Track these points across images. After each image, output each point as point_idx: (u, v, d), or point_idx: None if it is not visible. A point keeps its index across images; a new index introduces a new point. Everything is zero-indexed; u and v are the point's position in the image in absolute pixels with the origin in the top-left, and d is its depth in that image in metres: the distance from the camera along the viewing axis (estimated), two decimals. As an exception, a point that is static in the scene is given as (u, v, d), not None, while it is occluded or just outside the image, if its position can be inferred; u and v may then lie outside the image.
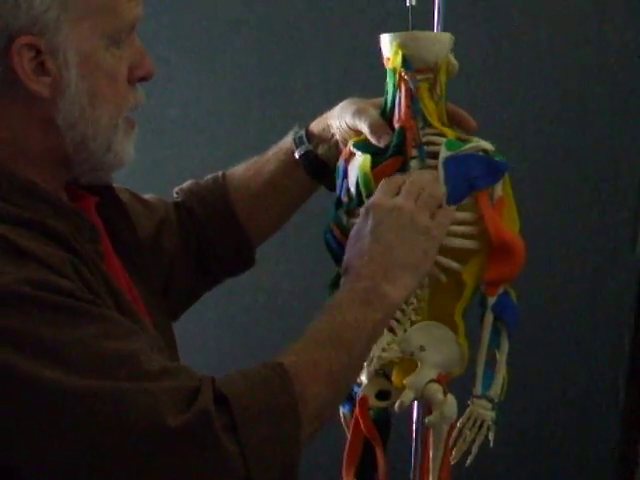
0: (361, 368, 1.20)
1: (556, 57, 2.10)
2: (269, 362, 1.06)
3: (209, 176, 1.44)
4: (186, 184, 1.43)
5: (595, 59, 2.09)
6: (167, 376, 0.99)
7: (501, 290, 1.25)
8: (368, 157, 1.24)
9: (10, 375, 0.95)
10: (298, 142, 1.37)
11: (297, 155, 1.37)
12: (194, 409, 0.97)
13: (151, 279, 1.27)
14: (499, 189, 1.24)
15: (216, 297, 1.50)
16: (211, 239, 1.39)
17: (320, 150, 1.37)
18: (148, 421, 0.96)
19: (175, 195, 1.42)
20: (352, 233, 1.20)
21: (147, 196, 1.40)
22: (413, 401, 1.26)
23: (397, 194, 1.20)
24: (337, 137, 1.35)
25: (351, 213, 1.27)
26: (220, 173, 1.43)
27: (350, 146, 1.29)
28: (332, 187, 1.36)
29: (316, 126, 1.37)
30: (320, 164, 1.37)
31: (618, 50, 2.08)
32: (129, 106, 1.12)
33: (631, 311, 2.14)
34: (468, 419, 1.24)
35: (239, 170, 1.42)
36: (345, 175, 1.29)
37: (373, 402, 1.26)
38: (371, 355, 1.22)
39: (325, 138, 1.36)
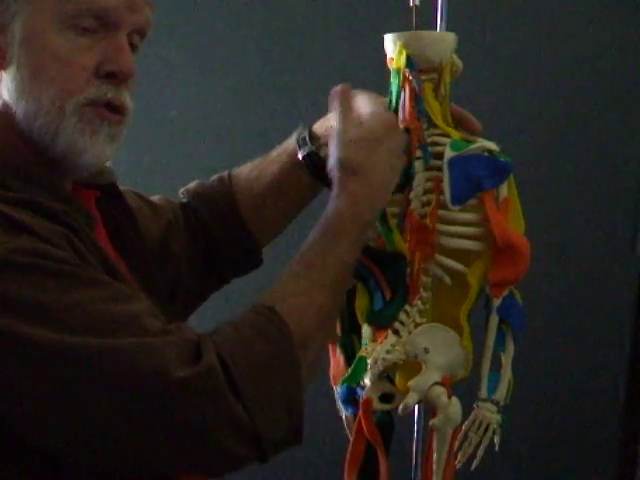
0: (350, 282, 1.20)
1: (558, 57, 2.10)
2: (260, 307, 1.07)
3: (214, 177, 1.43)
4: (192, 185, 1.43)
5: (596, 59, 2.09)
6: (168, 333, 1.01)
7: (506, 292, 1.25)
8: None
9: (10, 340, 0.96)
10: (301, 143, 1.37)
11: (300, 156, 1.36)
12: (202, 364, 0.98)
13: (157, 284, 1.27)
14: (504, 190, 1.24)
15: (215, 297, 1.50)
16: (218, 240, 1.39)
17: (323, 151, 1.35)
18: (153, 373, 0.97)
19: (181, 196, 1.42)
20: (329, 164, 1.22)
21: (154, 198, 1.40)
22: (417, 404, 1.25)
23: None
24: None
25: None
26: (226, 174, 1.43)
27: None
28: None
29: (319, 127, 1.37)
30: (323, 165, 1.36)
31: (618, 50, 2.08)
32: (86, 96, 1.09)
33: (631, 311, 2.14)
34: (473, 422, 1.24)
35: (244, 171, 1.42)
36: None
37: (377, 405, 1.25)
38: (375, 357, 1.22)
39: (328, 139, 1.35)
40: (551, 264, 2.15)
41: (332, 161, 1.20)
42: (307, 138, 1.36)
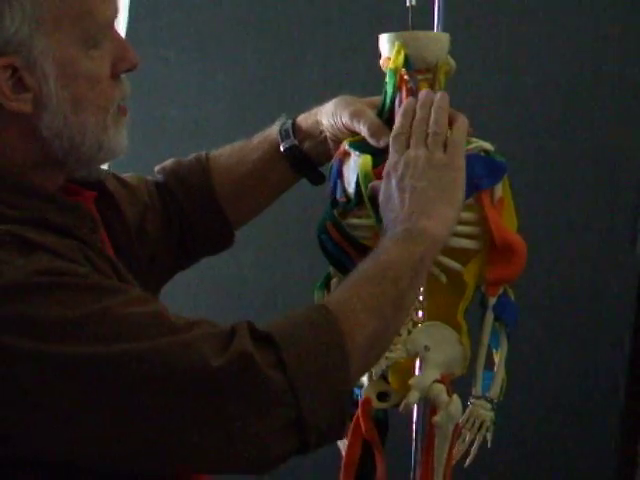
0: (412, 303, 1.18)
1: (555, 56, 2.10)
2: (313, 305, 1.08)
3: (192, 156, 1.44)
4: (168, 163, 1.43)
5: (595, 59, 2.09)
6: (195, 326, 1.01)
7: (501, 290, 1.25)
8: (369, 157, 1.24)
9: (47, 362, 0.95)
10: (284, 135, 1.37)
11: (282, 148, 1.37)
12: (231, 350, 0.98)
13: (142, 270, 1.27)
14: (499, 189, 1.25)
15: (215, 297, 1.50)
16: (191, 222, 1.39)
17: (306, 145, 1.37)
18: (193, 367, 0.97)
19: (157, 174, 1.42)
20: (381, 199, 1.20)
21: (128, 176, 1.39)
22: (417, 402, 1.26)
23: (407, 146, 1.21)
24: (327, 134, 1.34)
25: (348, 213, 1.27)
26: (203, 154, 1.43)
27: (345, 146, 1.28)
28: (314, 181, 1.39)
29: (304, 121, 1.37)
30: (304, 159, 1.37)
31: (618, 49, 2.08)
32: (116, 102, 1.11)
33: (631, 311, 2.14)
34: (468, 420, 1.24)
35: (223, 154, 1.42)
36: (339, 175, 1.28)
37: (375, 404, 1.26)
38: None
39: (313, 134, 1.36)
40: (551, 264, 2.14)
41: (400, 214, 1.17)
42: (290, 131, 1.37)
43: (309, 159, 1.37)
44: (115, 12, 1.10)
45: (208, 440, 0.98)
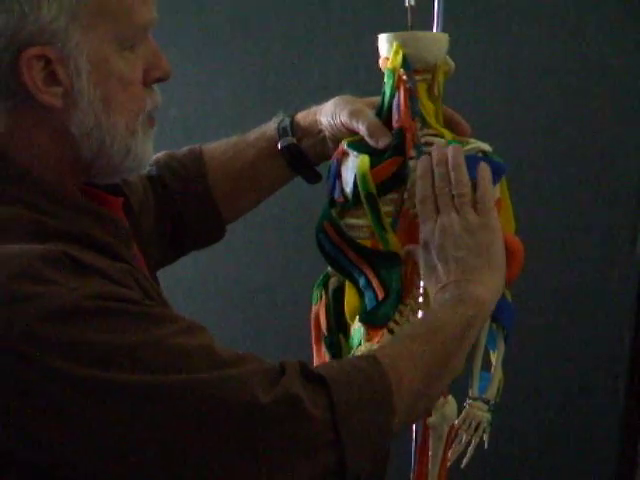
0: (459, 366, 1.17)
1: (555, 57, 2.10)
2: (362, 355, 1.08)
3: (185, 149, 1.42)
4: (162, 156, 1.41)
5: (595, 59, 2.09)
6: (243, 361, 0.99)
7: (498, 292, 1.25)
8: (367, 157, 1.23)
9: (92, 388, 0.93)
10: (282, 133, 1.37)
11: (280, 146, 1.36)
12: (279, 388, 0.97)
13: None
14: (497, 191, 1.24)
15: (214, 297, 1.50)
16: (184, 214, 1.38)
17: (304, 143, 1.36)
18: (242, 403, 0.95)
19: (149, 167, 1.38)
20: (423, 271, 1.21)
21: None
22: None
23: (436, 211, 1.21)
24: (326, 134, 1.34)
25: (346, 213, 1.26)
26: (198, 148, 1.42)
27: (344, 146, 1.28)
28: (310, 180, 1.38)
29: (303, 119, 1.37)
30: (301, 157, 1.37)
31: (618, 49, 2.07)
32: (147, 109, 1.09)
33: (631, 311, 2.14)
34: (464, 421, 1.24)
35: (218, 149, 1.41)
36: (338, 175, 1.28)
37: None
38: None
39: (311, 133, 1.35)
40: (551, 264, 2.15)
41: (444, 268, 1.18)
42: (288, 128, 1.36)
43: (306, 158, 1.37)
44: (153, 17, 1.08)
45: (249, 476, 0.97)
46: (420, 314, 1.25)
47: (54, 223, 1.01)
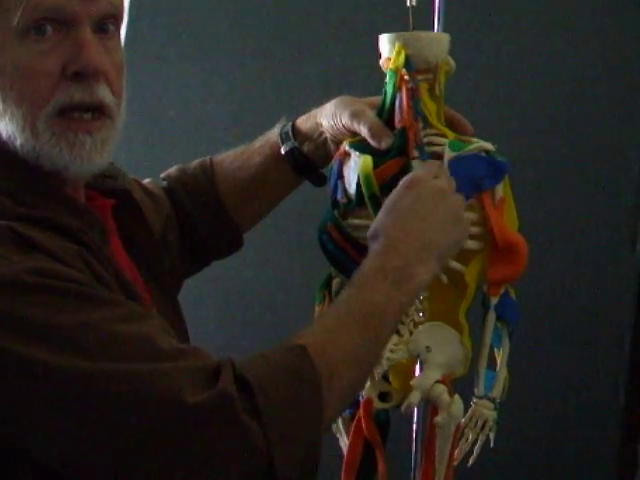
0: (382, 351, 1.16)
1: (556, 57, 2.10)
2: (291, 344, 1.04)
3: (196, 162, 1.44)
4: (173, 171, 1.43)
5: (595, 59, 2.09)
6: (183, 356, 0.98)
7: (503, 290, 1.26)
8: (369, 158, 1.23)
9: (20, 363, 0.94)
10: (284, 138, 1.37)
11: (283, 151, 1.37)
12: (215, 389, 0.95)
13: (167, 282, 1.27)
14: (500, 190, 1.25)
15: (216, 298, 1.50)
16: (200, 228, 1.39)
17: (306, 147, 1.37)
18: (167, 400, 0.94)
19: (163, 182, 1.42)
20: (389, 200, 1.17)
21: (148, 182, 1.39)
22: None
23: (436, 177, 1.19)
24: (327, 136, 1.34)
25: (349, 214, 1.26)
26: (208, 161, 1.43)
27: (346, 146, 1.28)
28: (316, 183, 1.39)
29: (304, 123, 1.37)
30: (305, 161, 1.37)
31: (618, 49, 2.08)
32: (54, 104, 1.04)
33: (631, 311, 2.14)
34: (470, 419, 1.24)
35: (227, 160, 1.42)
36: (340, 175, 1.28)
37: (377, 404, 1.26)
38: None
39: (312, 136, 1.36)
40: (551, 263, 2.14)
41: (374, 225, 1.16)
42: (290, 133, 1.37)
43: (310, 161, 1.37)
44: (59, 2, 1.02)
45: (167, 477, 0.96)
46: (416, 310, 1.25)
47: (17, 208, 1.02)
